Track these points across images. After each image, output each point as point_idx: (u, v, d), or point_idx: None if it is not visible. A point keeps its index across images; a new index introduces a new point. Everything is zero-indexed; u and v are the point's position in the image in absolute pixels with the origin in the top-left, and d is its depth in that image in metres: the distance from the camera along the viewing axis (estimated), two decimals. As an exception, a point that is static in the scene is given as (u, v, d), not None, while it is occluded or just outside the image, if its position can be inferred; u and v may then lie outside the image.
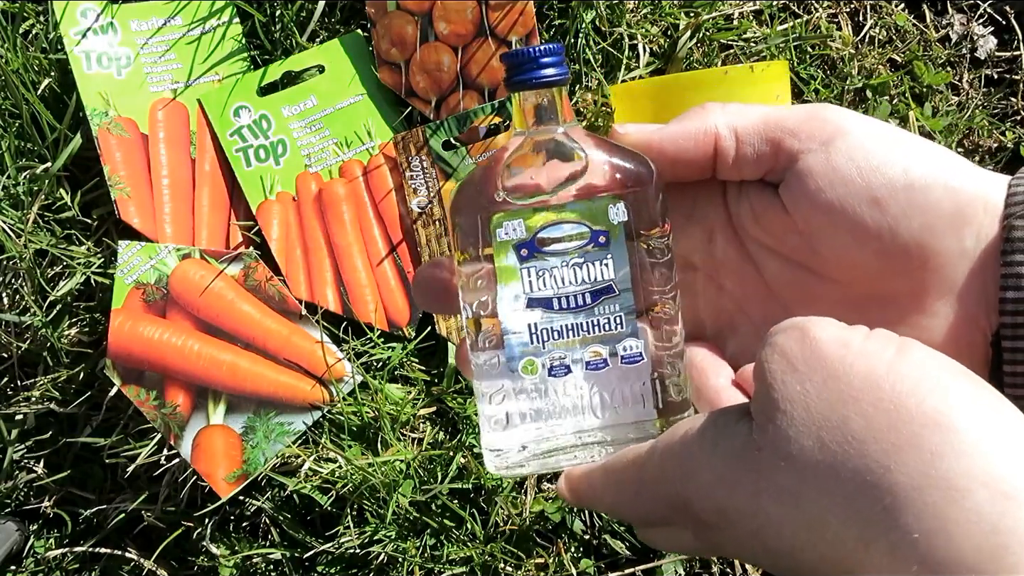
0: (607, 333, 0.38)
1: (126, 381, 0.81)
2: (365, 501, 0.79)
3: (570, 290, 0.37)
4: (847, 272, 0.36)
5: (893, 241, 0.35)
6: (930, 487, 0.26)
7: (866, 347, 0.29)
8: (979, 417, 0.27)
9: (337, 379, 0.82)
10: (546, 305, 0.38)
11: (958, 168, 0.35)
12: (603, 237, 0.37)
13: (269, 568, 0.84)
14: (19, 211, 0.81)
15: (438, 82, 0.84)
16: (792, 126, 0.36)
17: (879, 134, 0.35)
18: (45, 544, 0.86)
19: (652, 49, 0.86)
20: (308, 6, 0.85)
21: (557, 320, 0.38)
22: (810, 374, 0.29)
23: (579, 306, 0.38)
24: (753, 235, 0.39)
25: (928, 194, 0.34)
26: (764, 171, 0.37)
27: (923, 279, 0.35)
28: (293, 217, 0.85)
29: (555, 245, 0.37)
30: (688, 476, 0.32)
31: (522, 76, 0.37)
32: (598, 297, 0.38)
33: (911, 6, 0.94)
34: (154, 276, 0.82)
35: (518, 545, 0.80)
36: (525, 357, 0.38)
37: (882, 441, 0.27)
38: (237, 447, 0.81)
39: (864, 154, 0.35)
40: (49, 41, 0.84)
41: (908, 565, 0.26)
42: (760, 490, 0.29)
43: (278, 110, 0.85)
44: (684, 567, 0.83)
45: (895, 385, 0.28)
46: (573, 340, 0.38)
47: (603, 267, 0.37)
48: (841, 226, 0.35)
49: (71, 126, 0.82)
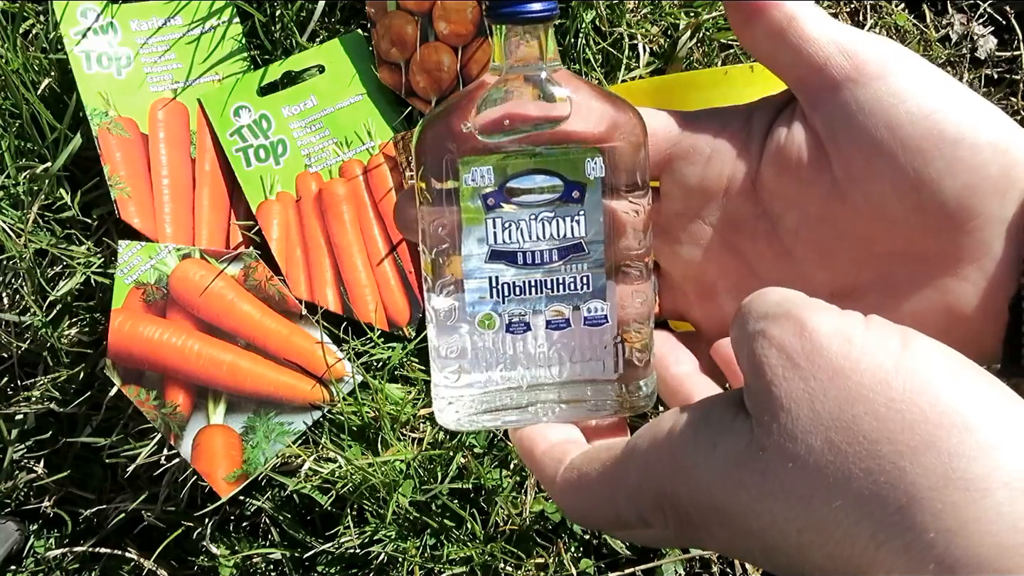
0: (572, 292, 0.36)
1: (126, 381, 0.81)
2: (365, 501, 0.79)
3: (537, 246, 0.35)
4: (878, 226, 0.34)
5: (933, 197, 0.33)
6: (948, 487, 0.26)
7: (869, 341, 0.28)
8: (994, 414, 0.27)
9: (337, 379, 0.82)
10: (510, 259, 0.36)
11: (1010, 130, 0.33)
12: (577, 192, 0.35)
13: (269, 568, 0.84)
14: (19, 211, 0.81)
15: (438, 82, 0.84)
16: (849, 46, 0.33)
17: (935, 80, 0.33)
18: (45, 544, 0.86)
19: (652, 49, 0.86)
20: (308, 6, 0.85)
21: (520, 275, 0.36)
22: (814, 371, 0.28)
23: (544, 262, 0.36)
24: (773, 186, 0.36)
25: (977, 152, 0.32)
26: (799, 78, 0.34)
27: (958, 241, 0.33)
28: (293, 217, 0.85)
29: (525, 196, 0.35)
30: (681, 475, 0.30)
31: (507, 8, 0.34)
32: (566, 255, 0.36)
33: (911, 6, 0.94)
34: (154, 276, 0.82)
35: (518, 545, 0.80)
36: (483, 311, 0.36)
37: (896, 442, 0.27)
38: (237, 447, 0.81)
39: (916, 98, 0.32)
40: (49, 41, 0.84)
41: (924, 565, 0.26)
42: (766, 493, 0.28)
43: (278, 110, 0.85)
44: (684, 567, 0.83)
45: (905, 383, 0.27)
46: (535, 297, 0.36)
47: (574, 223, 0.35)
48: (881, 172, 0.33)
49: (71, 126, 0.82)
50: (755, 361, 0.29)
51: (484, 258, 0.36)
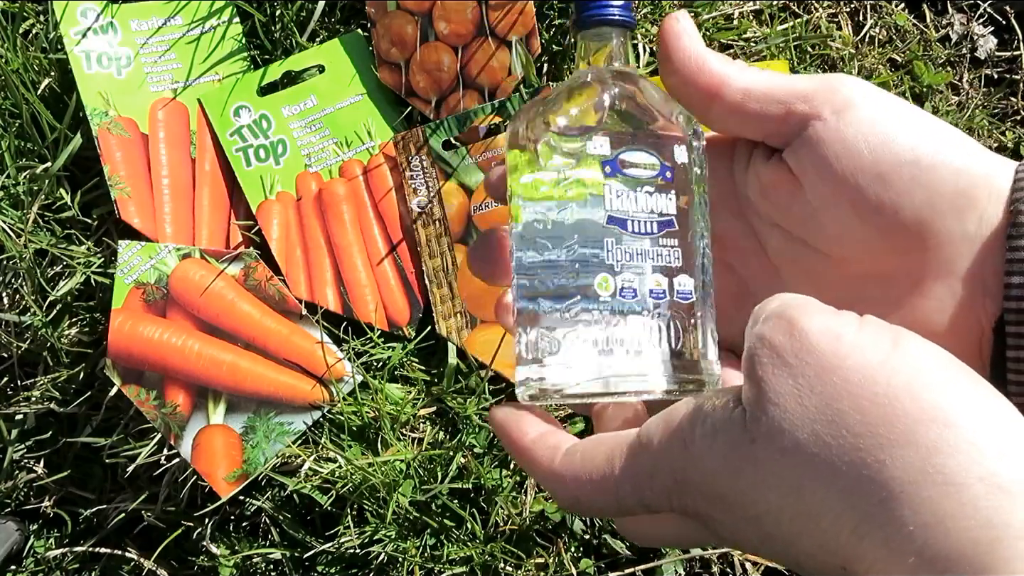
0: (667, 265, 0.38)
1: (126, 381, 0.81)
2: (365, 501, 0.79)
3: (643, 216, 0.38)
4: (848, 248, 0.36)
5: (895, 217, 0.34)
6: (926, 482, 0.26)
7: (859, 339, 0.29)
8: (976, 412, 0.28)
9: (337, 379, 0.82)
10: (622, 225, 0.38)
11: (966, 149, 0.34)
12: (669, 173, 0.38)
13: (269, 568, 0.84)
14: (19, 211, 0.81)
15: (438, 82, 0.84)
16: (805, 92, 0.36)
17: (891, 108, 0.35)
18: (45, 544, 0.86)
19: (652, 49, 0.86)
20: (308, 6, 0.85)
21: (629, 243, 0.38)
22: (801, 367, 0.29)
23: (648, 233, 0.38)
24: (757, 207, 0.39)
25: (932, 173, 0.34)
26: (768, 133, 0.37)
27: (922, 259, 0.35)
28: (293, 217, 0.85)
29: (633, 170, 0.38)
30: (692, 462, 0.31)
31: (592, 13, 0.39)
32: (663, 228, 0.38)
33: (911, 6, 0.94)
34: (154, 276, 0.82)
35: (518, 545, 0.80)
36: (601, 272, 0.37)
37: (878, 436, 0.27)
38: (237, 447, 0.81)
39: (873, 127, 0.35)
40: (49, 41, 0.84)
41: (904, 558, 0.26)
42: (760, 481, 0.29)
43: (278, 110, 0.85)
44: (684, 567, 0.83)
45: (890, 379, 0.28)
46: (641, 265, 0.38)
47: (668, 200, 0.38)
48: (846, 199, 0.35)
49: (71, 126, 0.82)
50: (749, 359, 0.31)
51: (603, 222, 0.38)
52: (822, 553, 0.29)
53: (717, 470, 0.31)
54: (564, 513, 0.81)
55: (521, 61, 0.83)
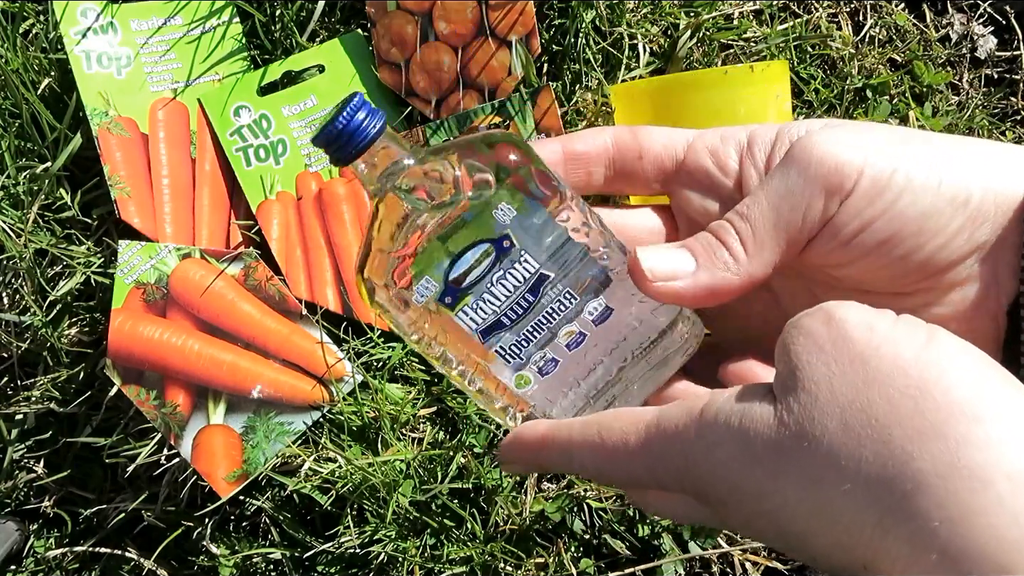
0: (568, 311, 0.37)
1: (126, 381, 0.81)
2: (365, 501, 0.79)
3: (510, 302, 0.37)
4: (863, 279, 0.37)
5: (910, 261, 0.35)
6: (953, 476, 0.26)
7: (894, 332, 0.29)
8: (1006, 410, 0.27)
9: (337, 379, 0.82)
10: (499, 327, 0.37)
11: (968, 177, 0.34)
12: (506, 241, 0.36)
13: (269, 568, 0.84)
14: (19, 211, 0.81)
15: (438, 82, 0.84)
16: None
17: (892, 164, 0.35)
18: (45, 544, 0.86)
19: (652, 49, 0.86)
20: (308, 6, 0.85)
21: (517, 330, 0.37)
22: (836, 355, 0.29)
23: (527, 308, 0.37)
24: None
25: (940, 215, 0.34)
26: None
27: (938, 279, 0.35)
28: (293, 217, 0.85)
29: (470, 276, 0.36)
30: (705, 449, 0.31)
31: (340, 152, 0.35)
32: (538, 290, 0.37)
33: (911, 6, 0.94)
34: (154, 276, 0.82)
35: (518, 545, 0.80)
36: (515, 375, 0.38)
37: (906, 427, 0.27)
38: (237, 447, 0.81)
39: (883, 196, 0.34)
40: (49, 41, 0.84)
41: (927, 554, 0.26)
42: (779, 471, 0.29)
43: (278, 110, 0.85)
44: (684, 567, 0.83)
45: (922, 372, 0.28)
46: (543, 337, 0.37)
47: (525, 264, 0.36)
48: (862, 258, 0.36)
49: (71, 126, 0.82)
50: (785, 347, 0.31)
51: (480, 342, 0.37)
52: (839, 552, 0.29)
53: (729, 459, 0.31)
54: (564, 513, 0.81)
55: (521, 61, 0.83)
